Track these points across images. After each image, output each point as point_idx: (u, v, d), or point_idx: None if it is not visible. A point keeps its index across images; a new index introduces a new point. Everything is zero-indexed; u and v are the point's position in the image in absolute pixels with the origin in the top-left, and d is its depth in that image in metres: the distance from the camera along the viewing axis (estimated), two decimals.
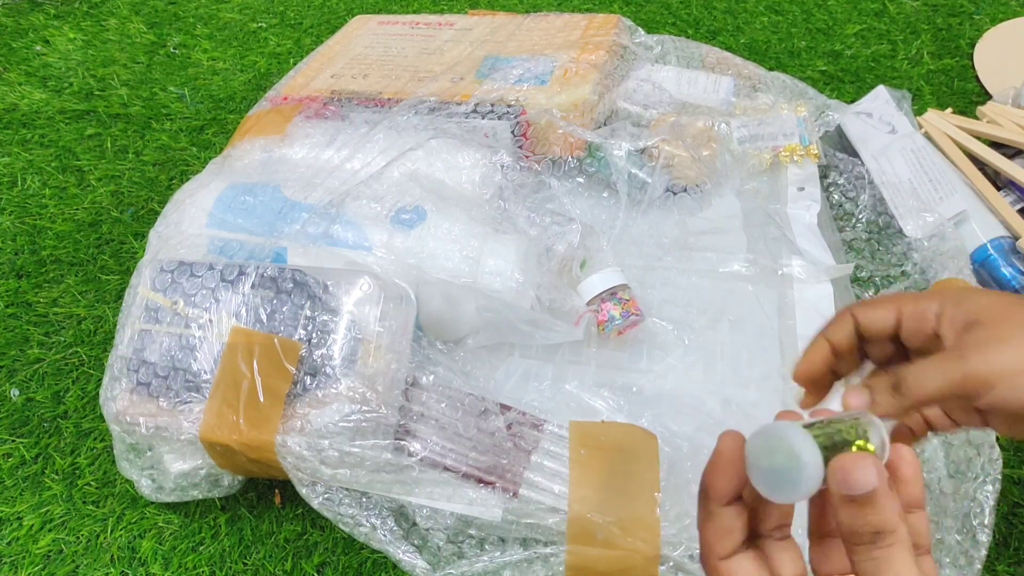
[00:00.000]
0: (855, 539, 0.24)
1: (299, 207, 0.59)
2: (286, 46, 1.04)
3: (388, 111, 0.69)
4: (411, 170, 0.63)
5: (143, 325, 0.53)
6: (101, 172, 0.86)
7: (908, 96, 0.76)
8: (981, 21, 0.96)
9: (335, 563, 0.54)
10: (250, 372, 0.49)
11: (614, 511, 0.46)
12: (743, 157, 0.71)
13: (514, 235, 0.59)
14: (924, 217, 0.65)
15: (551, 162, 0.69)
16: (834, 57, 0.93)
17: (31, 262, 0.76)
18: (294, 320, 0.50)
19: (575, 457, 0.49)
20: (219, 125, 0.91)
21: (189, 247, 0.58)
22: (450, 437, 0.50)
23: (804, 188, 0.69)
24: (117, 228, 0.79)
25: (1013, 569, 0.51)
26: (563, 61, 0.73)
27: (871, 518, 0.23)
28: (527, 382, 0.59)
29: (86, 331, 0.70)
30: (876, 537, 0.23)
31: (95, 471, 0.60)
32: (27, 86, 0.98)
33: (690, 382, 0.59)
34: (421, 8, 1.11)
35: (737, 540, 0.27)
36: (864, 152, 0.72)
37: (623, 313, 0.58)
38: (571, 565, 0.46)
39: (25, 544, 0.56)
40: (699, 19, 1.02)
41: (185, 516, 0.57)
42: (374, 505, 0.50)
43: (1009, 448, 0.56)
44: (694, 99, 0.76)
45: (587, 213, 0.68)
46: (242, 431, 0.48)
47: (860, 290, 0.66)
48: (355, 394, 0.48)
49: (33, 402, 0.65)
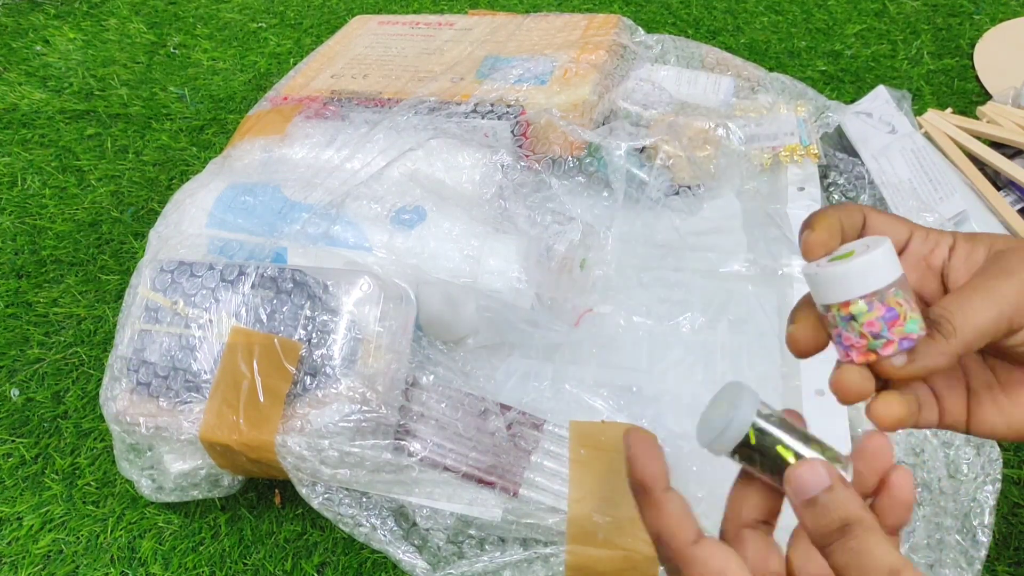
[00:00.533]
0: (826, 540, 0.23)
1: (299, 207, 0.59)
2: (286, 46, 1.04)
3: (388, 111, 0.69)
4: (411, 170, 0.63)
5: (143, 325, 0.53)
6: (101, 172, 0.86)
7: (908, 96, 0.76)
8: (981, 21, 0.96)
9: (335, 563, 0.54)
10: (250, 372, 0.49)
11: (614, 511, 0.46)
12: (743, 157, 0.71)
13: (514, 234, 0.59)
14: (924, 217, 0.65)
15: (551, 161, 0.69)
16: (834, 57, 0.93)
17: (31, 262, 0.76)
18: (294, 320, 0.50)
19: (575, 457, 0.49)
20: (219, 125, 0.91)
21: (189, 247, 0.58)
22: (450, 437, 0.50)
23: (804, 188, 0.69)
24: (117, 228, 0.79)
25: (1013, 569, 0.51)
26: (563, 61, 0.73)
27: (834, 514, 0.23)
28: (527, 382, 0.59)
29: (86, 331, 0.70)
30: (845, 530, 0.23)
31: (95, 471, 0.60)
32: (27, 86, 0.98)
33: (690, 382, 0.59)
34: (421, 8, 1.11)
35: (695, 525, 0.25)
36: (864, 152, 0.72)
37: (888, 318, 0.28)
38: (571, 565, 0.46)
39: (25, 544, 0.56)
40: (699, 19, 1.02)
41: (185, 516, 0.57)
42: (374, 505, 0.50)
43: (1009, 448, 0.56)
44: (694, 99, 0.76)
45: (587, 212, 0.68)
46: (242, 431, 0.48)
47: None
48: (355, 394, 0.48)
49: (33, 402, 0.65)
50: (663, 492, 0.26)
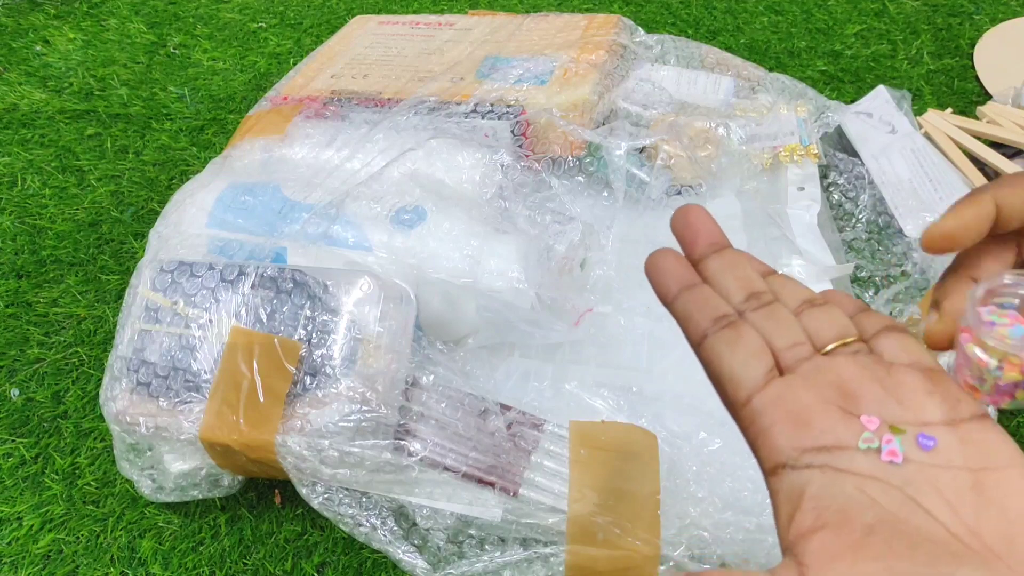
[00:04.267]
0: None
1: (299, 207, 0.59)
2: (286, 46, 1.04)
3: (388, 111, 0.69)
4: (411, 170, 0.63)
5: (143, 325, 0.53)
6: (101, 172, 0.86)
7: (908, 96, 0.76)
8: (981, 21, 0.96)
9: (335, 563, 0.54)
10: (250, 372, 0.49)
11: (614, 511, 0.46)
12: (743, 157, 0.71)
13: (514, 234, 0.59)
14: (924, 217, 0.65)
15: (551, 161, 0.69)
16: (834, 57, 0.93)
17: (31, 262, 0.76)
18: (294, 320, 0.50)
19: (575, 457, 0.49)
20: (219, 125, 0.91)
21: (189, 247, 0.58)
22: (450, 437, 0.50)
23: (804, 188, 0.69)
24: (117, 228, 0.79)
25: None
26: (563, 61, 0.73)
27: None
28: (527, 382, 0.59)
29: (86, 331, 0.70)
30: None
31: (95, 471, 0.60)
32: (27, 86, 0.98)
33: (690, 382, 0.58)
34: (421, 8, 1.11)
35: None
36: (864, 152, 0.72)
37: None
38: (571, 565, 0.46)
39: (25, 544, 0.56)
40: (699, 19, 1.02)
41: (185, 516, 0.57)
42: (374, 505, 0.50)
43: None
44: (694, 99, 0.76)
45: (587, 212, 0.68)
46: (242, 431, 0.48)
47: (860, 290, 0.66)
48: (355, 394, 0.48)
49: (33, 402, 0.65)
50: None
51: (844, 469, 0.20)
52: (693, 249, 0.26)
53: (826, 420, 0.21)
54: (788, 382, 0.22)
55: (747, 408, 0.22)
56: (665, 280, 0.25)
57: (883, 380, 0.21)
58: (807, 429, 0.20)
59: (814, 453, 0.20)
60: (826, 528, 0.19)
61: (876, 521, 0.19)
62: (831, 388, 0.21)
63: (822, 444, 0.20)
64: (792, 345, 0.22)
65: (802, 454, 0.20)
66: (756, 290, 0.24)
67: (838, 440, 0.20)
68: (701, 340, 0.24)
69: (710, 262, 0.25)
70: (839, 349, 0.22)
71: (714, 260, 0.25)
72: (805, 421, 0.21)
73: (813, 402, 0.21)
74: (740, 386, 0.22)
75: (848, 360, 0.22)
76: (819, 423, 0.21)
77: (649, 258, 0.26)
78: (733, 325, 0.23)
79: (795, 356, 0.22)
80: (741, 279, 0.24)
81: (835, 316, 0.23)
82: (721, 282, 0.25)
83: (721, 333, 0.23)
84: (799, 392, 0.21)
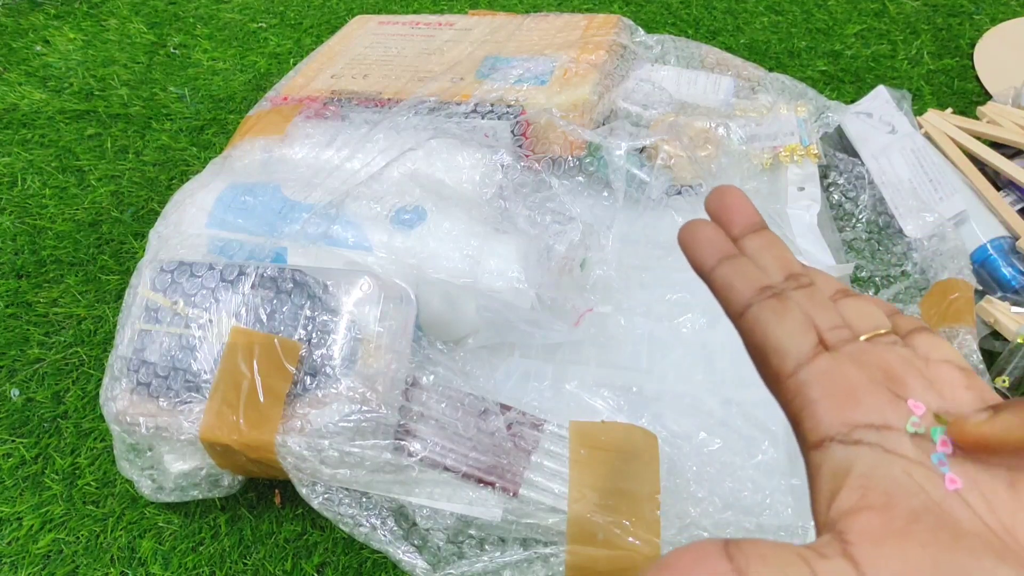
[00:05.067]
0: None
1: (299, 207, 0.59)
2: (286, 46, 1.04)
3: (388, 111, 0.69)
4: (411, 170, 0.63)
5: (143, 325, 0.53)
6: (101, 172, 0.86)
7: (908, 96, 0.76)
8: (981, 21, 0.96)
9: (335, 563, 0.54)
10: (250, 372, 0.49)
11: (614, 511, 0.46)
12: (743, 157, 0.71)
13: (514, 234, 0.59)
14: (924, 217, 0.65)
15: (551, 161, 0.69)
16: (834, 57, 0.93)
17: (31, 262, 0.76)
18: (294, 320, 0.50)
19: (575, 457, 0.49)
20: (219, 125, 0.91)
21: (189, 247, 0.58)
22: (450, 437, 0.50)
23: (804, 188, 0.69)
24: (117, 228, 0.79)
25: None
26: (563, 61, 0.73)
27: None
28: (527, 382, 0.59)
29: (86, 331, 0.70)
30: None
31: (95, 471, 0.60)
32: (27, 86, 0.98)
33: (690, 382, 0.59)
34: (421, 8, 1.11)
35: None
36: (864, 152, 0.72)
37: None
38: (571, 565, 0.46)
39: (25, 544, 0.56)
40: (699, 19, 1.02)
41: (185, 516, 0.57)
42: (374, 505, 0.50)
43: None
44: (694, 99, 0.76)
45: (587, 212, 0.68)
46: (242, 431, 0.48)
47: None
48: (355, 394, 0.48)
49: (33, 402, 0.65)
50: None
51: (893, 451, 0.19)
52: (730, 228, 0.25)
53: (876, 399, 0.20)
54: (836, 358, 0.21)
55: (792, 379, 0.21)
56: (703, 249, 0.25)
57: (923, 371, 0.21)
58: (857, 406, 0.20)
59: (865, 430, 0.20)
60: (871, 509, 0.18)
61: (922, 508, 0.18)
62: (878, 370, 0.21)
63: (872, 422, 0.20)
64: (833, 327, 0.22)
65: (853, 429, 0.20)
66: (795, 271, 0.24)
67: (887, 421, 0.20)
68: (743, 310, 0.23)
69: (748, 241, 0.25)
70: (876, 339, 0.22)
71: (753, 239, 0.25)
72: (856, 398, 0.20)
73: (863, 380, 0.21)
74: (787, 356, 0.22)
75: (888, 348, 0.22)
76: (869, 401, 0.20)
77: (684, 228, 0.25)
78: (779, 296, 0.23)
79: (838, 337, 0.22)
80: (780, 259, 0.24)
81: (870, 308, 0.23)
82: (760, 260, 0.24)
83: (767, 302, 0.22)
84: (848, 368, 0.21)
